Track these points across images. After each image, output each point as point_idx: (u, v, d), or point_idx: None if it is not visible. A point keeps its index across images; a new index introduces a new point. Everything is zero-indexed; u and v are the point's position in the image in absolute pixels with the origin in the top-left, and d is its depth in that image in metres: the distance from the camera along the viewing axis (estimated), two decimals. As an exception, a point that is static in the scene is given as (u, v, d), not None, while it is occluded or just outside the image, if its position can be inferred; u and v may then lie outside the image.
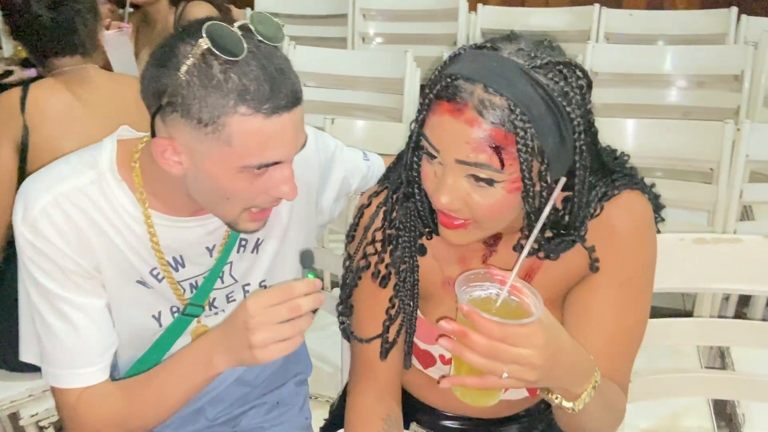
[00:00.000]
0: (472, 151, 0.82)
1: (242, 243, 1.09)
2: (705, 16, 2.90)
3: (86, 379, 1.00)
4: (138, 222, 0.99)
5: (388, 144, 1.81)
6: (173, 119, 0.86)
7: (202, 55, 0.83)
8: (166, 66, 0.85)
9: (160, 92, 0.85)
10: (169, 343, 1.09)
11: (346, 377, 1.38)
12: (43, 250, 0.95)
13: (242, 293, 1.12)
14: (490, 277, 0.85)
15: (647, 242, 0.98)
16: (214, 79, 0.83)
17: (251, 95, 0.83)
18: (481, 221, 0.89)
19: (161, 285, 1.04)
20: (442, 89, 0.84)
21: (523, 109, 0.80)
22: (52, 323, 0.98)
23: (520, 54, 0.84)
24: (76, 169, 0.98)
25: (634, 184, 0.99)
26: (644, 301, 1.00)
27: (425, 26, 3.21)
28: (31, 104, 1.44)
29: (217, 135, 0.85)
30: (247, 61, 0.84)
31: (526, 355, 0.76)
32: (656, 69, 2.38)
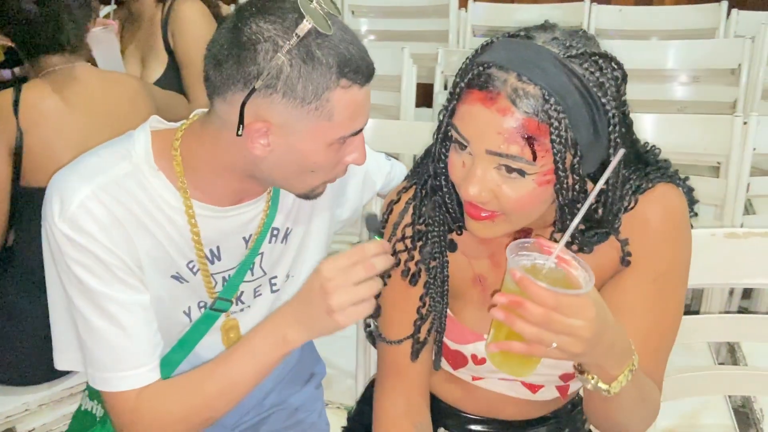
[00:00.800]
0: (504, 142, 0.80)
1: (274, 233, 1.06)
2: (695, 11, 2.92)
3: (138, 380, 0.95)
4: (179, 213, 0.96)
5: (390, 141, 1.78)
6: (271, 101, 0.85)
7: (301, 35, 0.83)
8: (255, 49, 0.83)
9: (254, 76, 0.83)
10: (195, 340, 1.05)
11: (361, 383, 1.36)
12: (85, 246, 0.90)
13: (269, 287, 1.10)
14: (538, 248, 0.82)
15: (681, 236, 0.96)
16: (315, 57, 0.83)
17: (349, 67, 0.85)
18: (509, 214, 0.86)
19: (195, 278, 1.01)
20: (474, 77, 0.81)
21: (558, 98, 0.78)
22: (97, 325, 0.93)
23: (555, 43, 0.81)
24: (110, 161, 0.94)
25: (669, 177, 0.96)
26: (678, 296, 0.97)
27: (415, 23, 3.19)
28: (25, 106, 1.39)
29: (320, 110, 0.86)
30: (335, 33, 0.85)
31: (577, 326, 0.74)
32: (652, 64, 2.39)
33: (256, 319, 1.08)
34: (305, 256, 1.12)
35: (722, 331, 1.30)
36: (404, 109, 2.29)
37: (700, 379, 1.30)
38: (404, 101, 2.28)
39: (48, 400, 1.52)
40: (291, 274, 1.12)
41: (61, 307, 0.96)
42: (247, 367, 0.96)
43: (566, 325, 0.74)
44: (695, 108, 2.36)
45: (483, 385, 1.06)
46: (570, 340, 0.75)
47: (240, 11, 0.86)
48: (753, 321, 1.28)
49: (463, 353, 1.02)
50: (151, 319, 0.97)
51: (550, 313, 0.73)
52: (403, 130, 1.86)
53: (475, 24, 3.09)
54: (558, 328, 0.74)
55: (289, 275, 1.11)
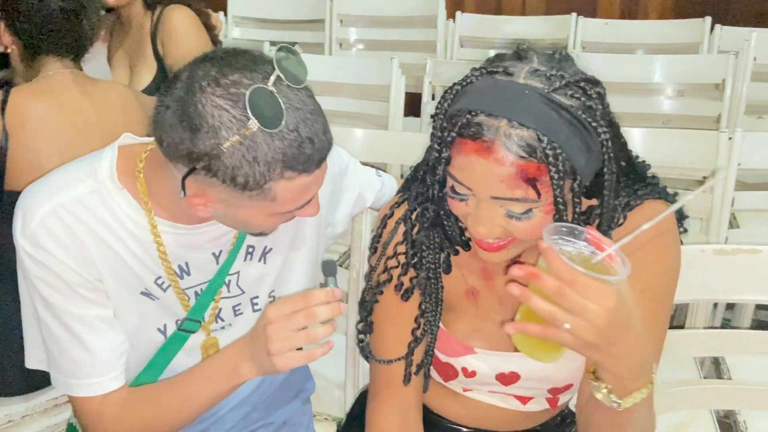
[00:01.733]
0: (508, 188, 0.81)
1: (249, 250, 1.06)
2: (679, 26, 2.96)
3: (97, 388, 0.98)
4: (143, 230, 0.96)
5: (378, 151, 1.78)
6: (210, 181, 0.83)
7: (247, 129, 0.79)
8: (199, 132, 0.80)
9: (195, 157, 0.82)
10: (165, 361, 1.05)
11: (350, 394, 1.35)
12: (44, 263, 0.91)
13: (250, 306, 1.09)
14: (585, 237, 0.78)
15: (669, 251, 0.97)
16: (259, 151, 0.81)
17: (296, 160, 0.82)
18: (521, 242, 0.88)
19: (166, 294, 1.01)
20: (464, 127, 0.81)
21: (551, 137, 0.79)
22: (58, 335, 0.95)
23: (537, 76, 0.81)
24: (75, 178, 0.94)
25: (657, 194, 0.97)
26: (664, 311, 0.98)
27: (403, 33, 3.20)
28: (12, 108, 1.37)
29: (261, 196, 0.85)
30: (287, 122, 0.81)
31: (591, 309, 0.71)
32: (637, 78, 2.41)
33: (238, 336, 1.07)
34: (291, 275, 1.12)
35: (708, 346, 1.31)
36: (392, 119, 2.30)
37: (686, 394, 1.31)
38: (393, 111, 2.29)
39: (31, 411, 1.49)
40: (275, 295, 1.11)
41: (29, 311, 0.99)
42: (201, 390, 0.99)
43: (579, 305, 0.71)
44: (680, 122, 2.39)
45: (474, 396, 1.07)
46: (583, 323, 0.72)
47: (196, 74, 0.82)
48: (737, 336, 1.30)
49: (454, 366, 1.03)
50: (115, 331, 0.98)
51: (563, 287, 0.71)
52: (392, 140, 1.87)
53: (462, 35, 3.11)
54: (571, 305, 0.71)
55: (273, 295, 1.11)
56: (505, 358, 1.01)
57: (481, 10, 3.49)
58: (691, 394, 1.31)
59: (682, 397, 1.30)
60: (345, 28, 3.23)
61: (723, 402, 1.35)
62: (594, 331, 0.72)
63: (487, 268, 1.01)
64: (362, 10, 3.22)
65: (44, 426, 1.50)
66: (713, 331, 1.39)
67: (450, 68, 2.57)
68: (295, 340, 0.88)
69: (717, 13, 2.96)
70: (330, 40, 3.20)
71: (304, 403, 1.28)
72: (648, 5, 3.56)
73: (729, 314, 2.21)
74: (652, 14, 3.54)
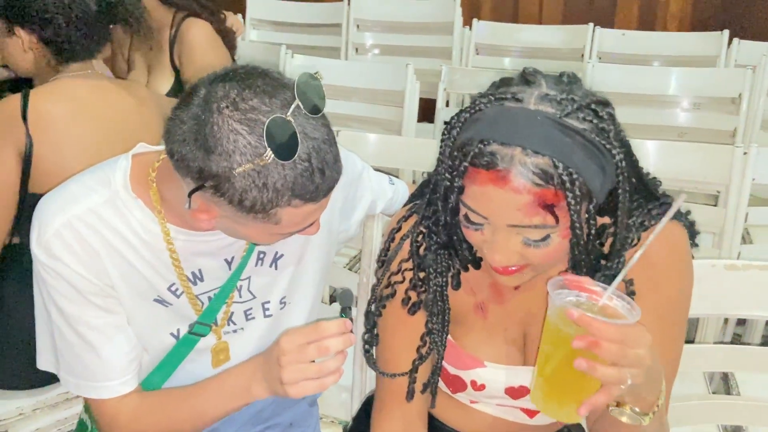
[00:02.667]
0: (525, 216, 0.80)
1: (260, 256, 1.07)
2: (697, 38, 2.95)
3: (109, 391, 1.00)
4: (156, 238, 0.97)
5: (391, 157, 1.79)
6: (218, 200, 0.84)
7: (259, 166, 0.80)
8: (213, 154, 0.80)
9: (206, 176, 0.82)
10: (175, 363, 1.07)
11: (357, 398, 1.36)
12: (58, 272, 0.93)
13: (261, 311, 1.10)
14: (568, 285, 0.82)
15: (684, 273, 0.97)
16: (269, 179, 0.81)
17: (305, 189, 0.83)
18: (537, 266, 0.87)
19: (179, 301, 1.02)
20: (477, 157, 0.80)
21: (567, 162, 0.78)
22: (71, 341, 0.97)
23: (548, 101, 0.80)
24: (90, 188, 0.96)
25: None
26: (681, 333, 0.99)
27: (419, 39, 3.21)
28: (33, 112, 1.37)
29: (266, 219, 0.86)
30: (300, 153, 0.81)
31: (642, 356, 0.74)
32: (653, 89, 2.40)
33: (250, 343, 1.09)
34: (301, 281, 1.12)
35: (717, 361, 1.30)
36: (406, 125, 2.31)
37: (695, 408, 1.30)
38: (406, 117, 2.30)
39: (42, 404, 1.51)
40: (287, 301, 1.12)
41: (42, 314, 1.00)
42: (214, 403, 1.01)
43: (636, 357, 0.73)
44: (695, 135, 2.38)
45: (481, 408, 1.07)
46: (637, 371, 0.74)
47: (215, 88, 0.82)
48: (747, 352, 1.29)
49: (463, 379, 1.03)
50: (127, 337, 1.00)
51: (626, 349, 0.73)
52: (405, 146, 1.87)
53: (478, 42, 3.11)
54: (630, 361, 0.73)
55: (285, 301, 1.12)
56: (515, 371, 1.01)
57: (498, 17, 3.49)
58: (699, 409, 1.30)
59: (690, 412, 1.29)
60: (361, 33, 3.25)
61: (731, 417, 1.34)
62: (644, 372, 0.75)
63: (497, 284, 1.00)
64: (379, 15, 3.24)
65: (55, 420, 1.52)
66: (723, 346, 1.38)
67: (465, 75, 2.58)
68: (307, 371, 0.90)
69: (735, 26, 2.95)
70: (346, 45, 3.21)
71: (311, 405, 1.29)
72: (666, 17, 3.55)
73: (740, 330, 2.19)
74: (670, 26, 3.53)
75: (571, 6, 3.63)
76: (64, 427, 1.53)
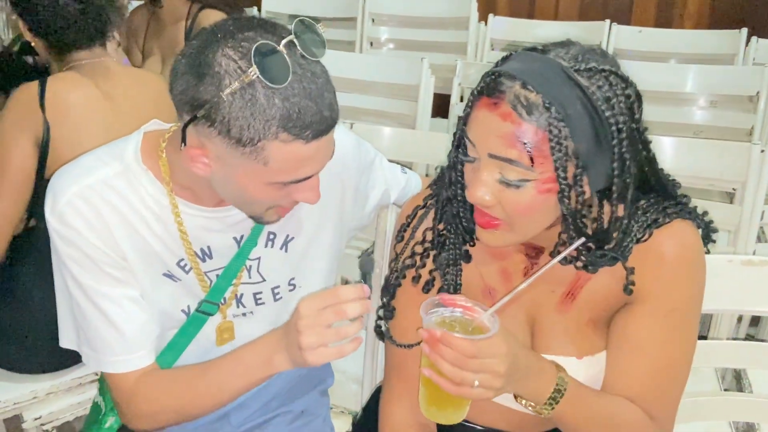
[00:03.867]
0: (503, 145, 0.83)
1: (270, 237, 1.07)
2: (714, 36, 2.92)
3: (127, 365, 1.00)
4: (165, 210, 0.98)
5: (405, 150, 1.79)
6: (209, 132, 0.84)
7: (245, 83, 0.81)
8: (204, 79, 0.82)
9: (197, 104, 0.83)
10: (185, 342, 1.07)
11: (367, 389, 1.36)
12: (72, 240, 0.95)
13: (272, 295, 1.11)
14: (444, 303, 0.90)
15: (695, 273, 0.97)
16: (257, 104, 0.81)
17: (293, 122, 0.82)
18: (513, 222, 0.89)
19: (188, 277, 1.03)
20: (485, 85, 0.85)
21: (558, 107, 0.80)
22: (88, 312, 0.98)
23: (567, 56, 0.84)
24: (103, 161, 0.98)
25: (687, 214, 0.97)
26: (690, 333, 0.98)
27: (435, 34, 3.20)
28: (51, 98, 1.40)
29: (255, 155, 0.84)
30: (292, 84, 0.82)
31: (492, 363, 0.84)
32: (670, 87, 2.39)
33: (259, 325, 1.10)
34: (312, 265, 1.13)
35: (730, 358, 1.30)
36: (420, 119, 2.30)
37: (706, 404, 1.30)
38: (420, 111, 2.29)
39: (56, 389, 1.53)
40: (297, 284, 1.12)
41: (61, 289, 1.01)
42: (234, 378, 0.99)
43: (483, 364, 0.83)
44: (712, 133, 2.36)
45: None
46: (489, 376, 0.84)
47: (216, 28, 0.85)
48: (760, 349, 1.28)
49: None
50: (142, 310, 1.01)
51: (461, 357, 0.83)
52: (419, 140, 1.87)
53: (494, 38, 3.10)
54: (476, 367, 0.83)
55: (294, 284, 1.12)
56: None
57: (514, 13, 3.48)
58: (711, 406, 1.30)
59: (702, 408, 1.29)
60: (376, 27, 3.24)
61: (743, 414, 1.34)
62: (499, 377, 0.84)
63: (507, 269, 1.01)
64: (394, 9, 3.23)
65: (68, 404, 1.54)
66: (736, 342, 1.38)
67: (480, 70, 2.54)
68: (326, 336, 0.89)
69: (754, 24, 2.91)
70: (361, 39, 3.21)
71: (322, 395, 1.30)
72: (684, 14, 3.52)
73: (753, 330, 2.18)
74: (687, 23, 3.50)
75: (587, 2, 3.61)
76: (77, 411, 1.55)
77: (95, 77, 1.48)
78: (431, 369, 0.86)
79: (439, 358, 0.84)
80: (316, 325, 0.88)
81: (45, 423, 1.52)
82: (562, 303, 0.99)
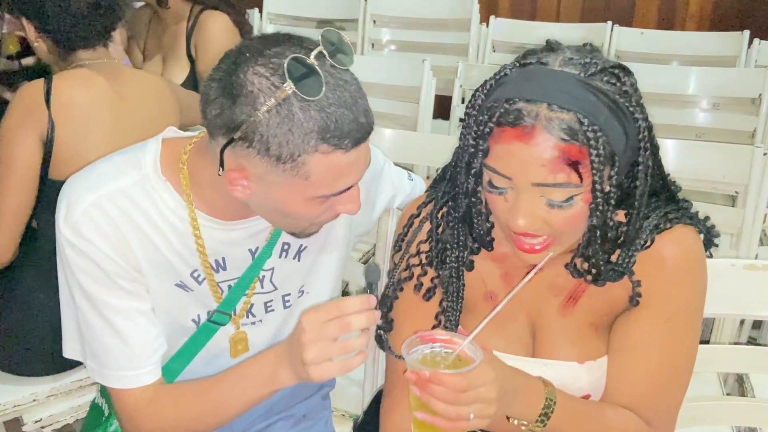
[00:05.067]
0: (550, 173, 0.80)
1: (284, 247, 1.06)
2: (717, 38, 2.91)
3: (132, 381, 0.98)
4: (183, 222, 0.97)
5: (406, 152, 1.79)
6: (247, 153, 0.84)
7: (280, 99, 0.80)
8: (238, 100, 0.82)
9: (234, 126, 0.82)
10: (194, 351, 1.07)
11: (368, 392, 1.36)
12: (85, 252, 0.93)
13: (282, 303, 1.10)
14: (422, 340, 0.88)
15: (697, 278, 0.97)
16: (294, 119, 0.81)
17: (332, 133, 0.82)
18: (561, 236, 0.87)
19: (201, 287, 1.02)
20: (503, 115, 0.81)
21: (592, 119, 0.79)
22: (95, 324, 0.97)
23: (572, 64, 0.83)
24: (120, 170, 0.96)
25: (689, 219, 0.97)
26: (691, 338, 0.98)
27: (436, 35, 3.19)
28: (56, 96, 1.39)
29: (296, 171, 0.84)
30: (326, 95, 0.81)
31: (483, 392, 0.82)
32: (672, 89, 2.38)
33: (269, 334, 1.09)
34: (321, 272, 1.12)
35: (732, 362, 1.30)
36: (422, 121, 2.30)
37: (708, 409, 1.30)
38: (422, 113, 2.29)
39: (56, 391, 1.52)
40: (306, 290, 1.12)
41: (67, 300, 1.00)
42: (239, 394, 0.97)
43: (475, 395, 0.82)
44: (714, 135, 2.35)
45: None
46: (482, 405, 0.82)
47: (243, 48, 0.84)
48: (763, 353, 1.28)
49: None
50: (151, 324, 0.99)
51: (453, 394, 0.81)
52: (420, 142, 1.87)
53: (495, 39, 3.09)
54: (469, 400, 0.81)
55: (303, 290, 1.12)
56: (523, 362, 1.00)
57: (516, 15, 3.48)
58: (713, 410, 1.29)
59: (704, 413, 1.28)
60: (378, 29, 3.24)
61: (745, 419, 1.33)
62: (492, 403, 0.83)
63: (508, 273, 1.01)
64: (396, 11, 3.22)
65: (68, 407, 1.54)
66: (738, 347, 1.38)
67: (481, 72, 2.56)
68: (330, 350, 0.85)
69: (756, 26, 2.91)
70: (363, 40, 3.20)
71: (323, 398, 1.29)
72: (686, 16, 3.51)
73: (755, 333, 2.17)
74: (689, 25, 3.49)
75: (589, 4, 3.61)
76: (77, 413, 1.55)
77: (100, 77, 1.47)
78: (423, 411, 0.83)
79: (432, 399, 0.81)
80: (319, 339, 0.85)
81: (45, 426, 1.52)
82: (564, 307, 0.99)
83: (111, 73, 1.49)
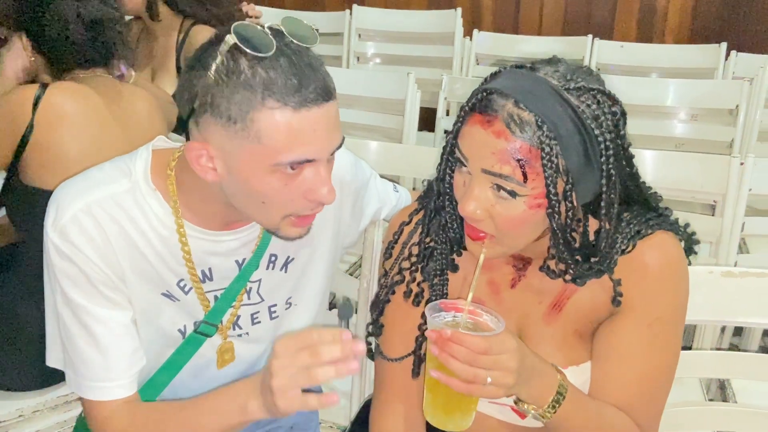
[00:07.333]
0: (497, 162, 0.85)
1: (272, 259, 1.07)
2: (695, 51, 2.97)
3: (106, 393, 0.98)
4: (170, 231, 0.97)
5: (392, 164, 1.81)
6: (205, 120, 0.86)
7: (230, 53, 0.83)
8: (196, 68, 0.85)
9: (193, 96, 0.86)
10: (180, 363, 1.07)
11: (356, 403, 1.36)
12: (70, 257, 0.93)
13: (268, 314, 1.10)
14: (444, 308, 0.90)
15: (678, 283, 0.99)
16: (241, 75, 0.82)
17: (278, 87, 0.82)
18: (501, 236, 0.90)
19: (188, 297, 1.02)
20: (477, 102, 0.87)
21: (550, 126, 0.83)
22: (74, 333, 0.96)
23: (556, 75, 0.86)
24: (111, 177, 0.97)
25: (669, 225, 0.99)
26: (673, 342, 1.00)
27: (421, 49, 3.23)
28: (46, 102, 1.39)
29: (247, 132, 0.84)
30: (276, 56, 0.83)
31: (504, 359, 0.83)
32: (651, 101, 2.43)
33: (256, 346, 1.10)
34: (308, 283, 1.13)
35: (714, 368, 1.31)
36: (407, 133, 2.32)
37: (691, 414, 1.31)
38: (407, 125, 2.31)
39: (42, 406, 1.51)
40: (292, 302, 1.12)
41: (52, 307, 1.00)
42: (209, 420, 0.95)
43: (495, 361, 0.83)
44: (692, 146, 2.39)
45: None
46: (501, 373, 0.83)
47: None
48: (744, 359, 1.31)
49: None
50: (131, 337, 0.99)
51: (473, 354, 0.82)
52: (405, 154, 1.89)
53: (479, 53, 3.14)
54: (489, 364, 0.82)
55: (291, 302, 1.12)
56: None
57: (499, 29, 3.52)
58: (695, 416, 1.31)
59: (686, 418, 1.30)
60: (363, 43, 3.27)
61: (727, 424, 1.35)
62: (510, 374, 0.84)
63: (494, 281, 1.02)
64: (381, 25, 3.26)
65: (54, 422, 1.52)
66: (719, 352, 1.39)
67: (465, 85, 2.60)
68: (298, 378, 0.83)
69: (733, 39, 2.98)
70: (348, 54, 3.23)
71: (311, 410, 1.27)
72: (664, 29, 3.57)
73: (736, 340, 2.20)
74: (668, 38, 3.55)
75: (570, 18, 3.66)
76: (63, 429, 1.53)
77: (93, 92, 1.47)
78: (439, 370, 0.84)
79: (450, 358, 0.82)
80: (289, 366, 0.83)
81: (31, 441, 1.51)
82: (549, 314, 1.00)
83: (104, 88, 1.49)
